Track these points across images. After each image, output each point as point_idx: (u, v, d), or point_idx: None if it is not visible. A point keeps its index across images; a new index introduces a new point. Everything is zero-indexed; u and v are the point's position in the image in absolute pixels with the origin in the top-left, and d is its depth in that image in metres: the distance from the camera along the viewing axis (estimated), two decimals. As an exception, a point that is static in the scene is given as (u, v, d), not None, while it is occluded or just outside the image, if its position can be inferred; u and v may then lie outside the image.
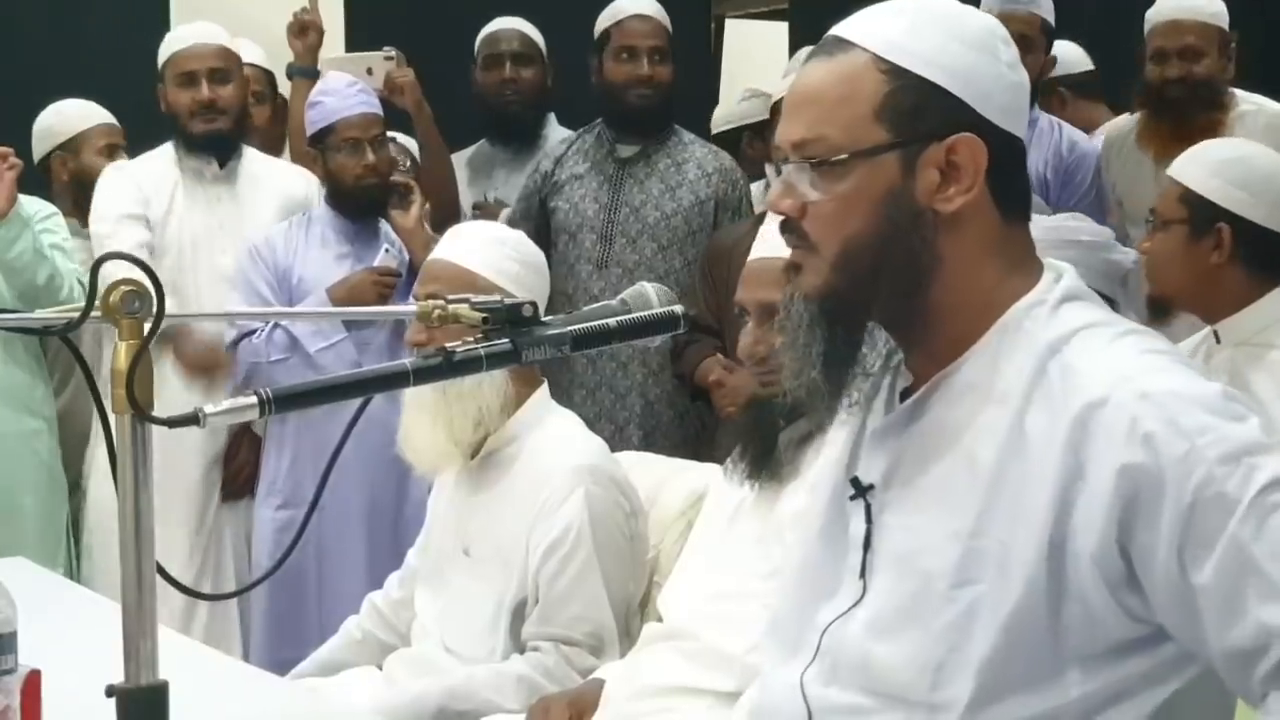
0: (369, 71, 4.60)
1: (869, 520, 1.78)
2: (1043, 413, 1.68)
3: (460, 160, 4.85)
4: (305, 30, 4.78)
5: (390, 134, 4.44)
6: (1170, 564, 1.61)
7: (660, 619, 2.78)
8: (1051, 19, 4.76)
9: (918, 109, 1.71)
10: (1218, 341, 3.17)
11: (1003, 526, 1.67)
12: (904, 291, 1.73)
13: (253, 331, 4.23)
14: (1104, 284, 3.42)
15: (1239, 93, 4.38)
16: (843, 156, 1.71)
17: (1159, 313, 3.25)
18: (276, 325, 4.21)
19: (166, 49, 4.43)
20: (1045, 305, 1.74)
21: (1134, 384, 1.64)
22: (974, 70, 1.73)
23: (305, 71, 4.78)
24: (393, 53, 4.69)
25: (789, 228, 1.76)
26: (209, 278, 4.33)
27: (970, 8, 1.79)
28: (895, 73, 1.71)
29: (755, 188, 4.66)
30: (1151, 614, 1.65)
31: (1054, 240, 3.43)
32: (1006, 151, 1.75)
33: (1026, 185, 1.81)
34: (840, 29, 1.77)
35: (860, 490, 1.80)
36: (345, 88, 4.28)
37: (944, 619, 1.69)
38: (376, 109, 4.29)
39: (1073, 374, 1.68)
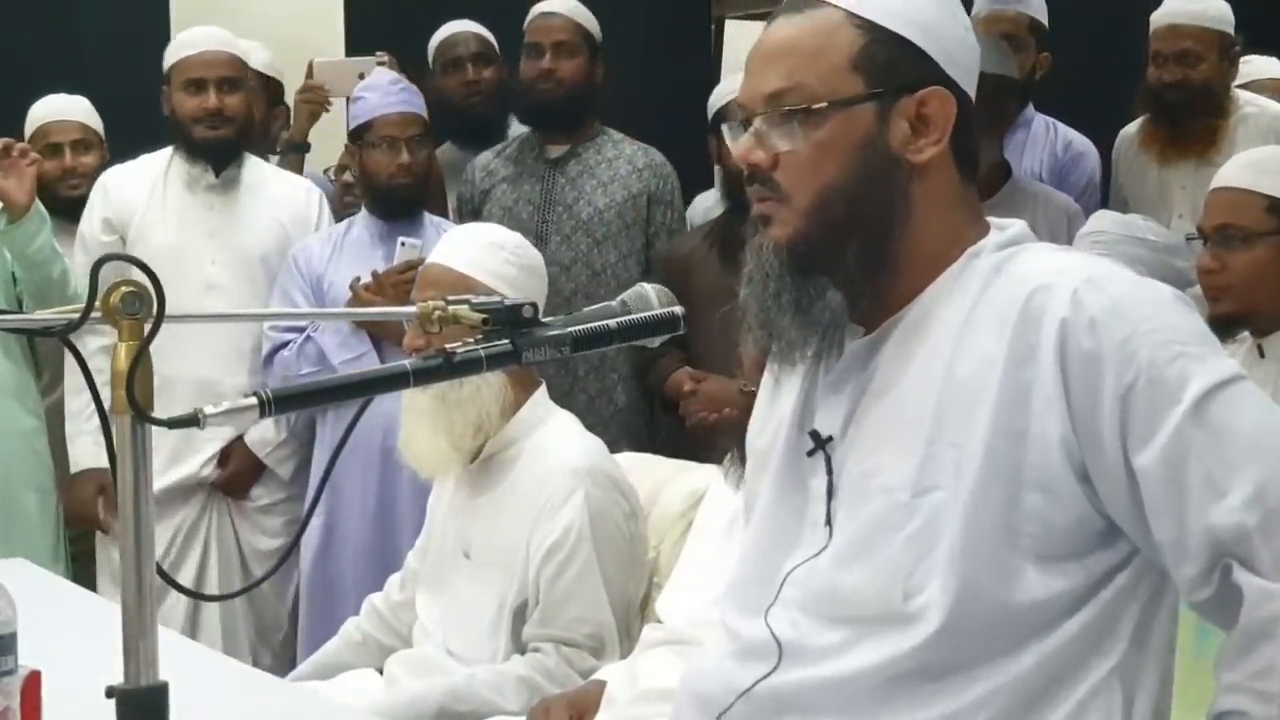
0: (361, 76, 4.58)
1: (830, 472, 1.80)
2: (990, 315, 1.72)
3: None
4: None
5: None
6: (1115, 448, 1.65)
7: (659, 621, 2.78)
8: (1044, 18, 4.75)
9: (891, 62, 1.76)
10: (1261, 356, 3.10)
11: (958, 428, 1.70)
12: (875, 239, 1.77)
13: (286, 344, 4.22)
14: None
15: (1242, 94, 4.37)
16: (822, 105, 1.75)
17: (1224, 332, 3.10)
18: (309, 338, 4.19)
19: (174, 53, 4.38)
20: (990, 246, 1.79)
21: (1079, 272, 1.71)
22: (941, 28, 1.80)
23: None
24: (385, 57, 4.68)
25: (758, 179, 1.79)
26: (195, 286, 4.27)
27: None
28: (869, 27, 1.77)
29: None
30: (1101, 504, 1.68)
31: (1123, 235, 3.42)
32: (965, 110, 1.80)
33: (977, 147, 1.86)
34: None
35: (820, 443, 1.81)
36: (388, 84, 4.26)
37: (909, 530, 1.71)
38: (418, 109, 4.25)
39: (1018, 275, 1.74)
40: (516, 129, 4.82)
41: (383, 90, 4.26)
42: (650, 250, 4.43)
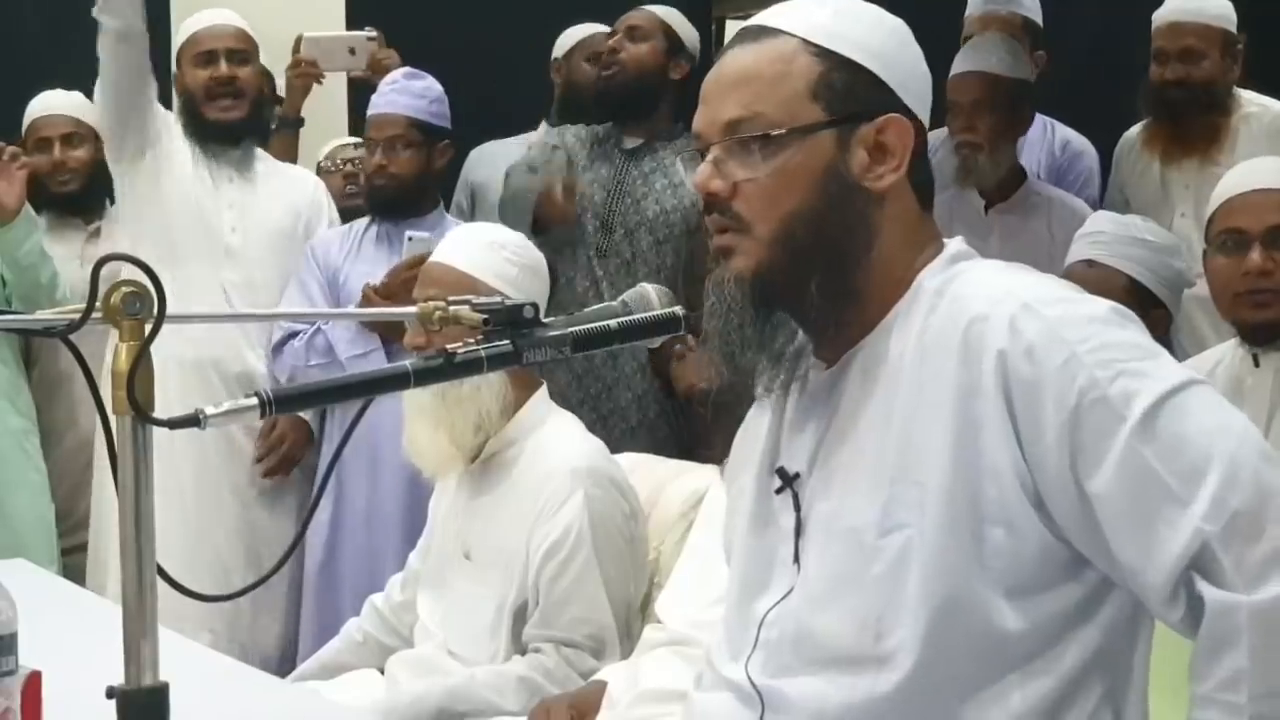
0: (351, 51, 4.57)
1: (798, 509, 1.79)
2: (934, 345, 1.71)
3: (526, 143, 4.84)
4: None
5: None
6: (1064, 473, 1.64)
7: (659, 621, 2.78)
8: (1038, 18, 4.75)
9: (849, 90, 1.76)
10: (1256, 365, 3.02)
11: (917, 465, 1.69)
12: (839, 268, 1.76)
13: (296, 334, 4.22)
14: (1163, 290, 3.34)
15: (1244, 94, 4.36)
16: (781, 132, 1.74)
17: (1264, 339, 3.02)
18: (318, 330, 4.19)
19: (184, 32, 4.37)
20: (938, 264, 1.78)
21: (1016, 297, 1.69)
22: (896, 57, 1.80)
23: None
24: (375, 33, 4.67)
25: (717, 209, 1.78)
26: (216, 252, 4.27)
27: (878, 6, 1.84)
28: (825, 55, 1.77)
29: None
30: (1061, 531, 1.67)
31: (1121, 235, 3.39)
32: (920, 138, 1.80)
33: (932, 174, 1.85)
34: (762, 19, 1.82)
35: (787, 481, 1.81)
36: (386, 85, 4.26)
37: (877, 570, 1.70)
38: (399, 109, 4.20)
39: (959, 300, 1.72)
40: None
41: (380, 89, 4.28)
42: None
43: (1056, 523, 1.66)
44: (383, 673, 3.04)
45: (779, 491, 1.82)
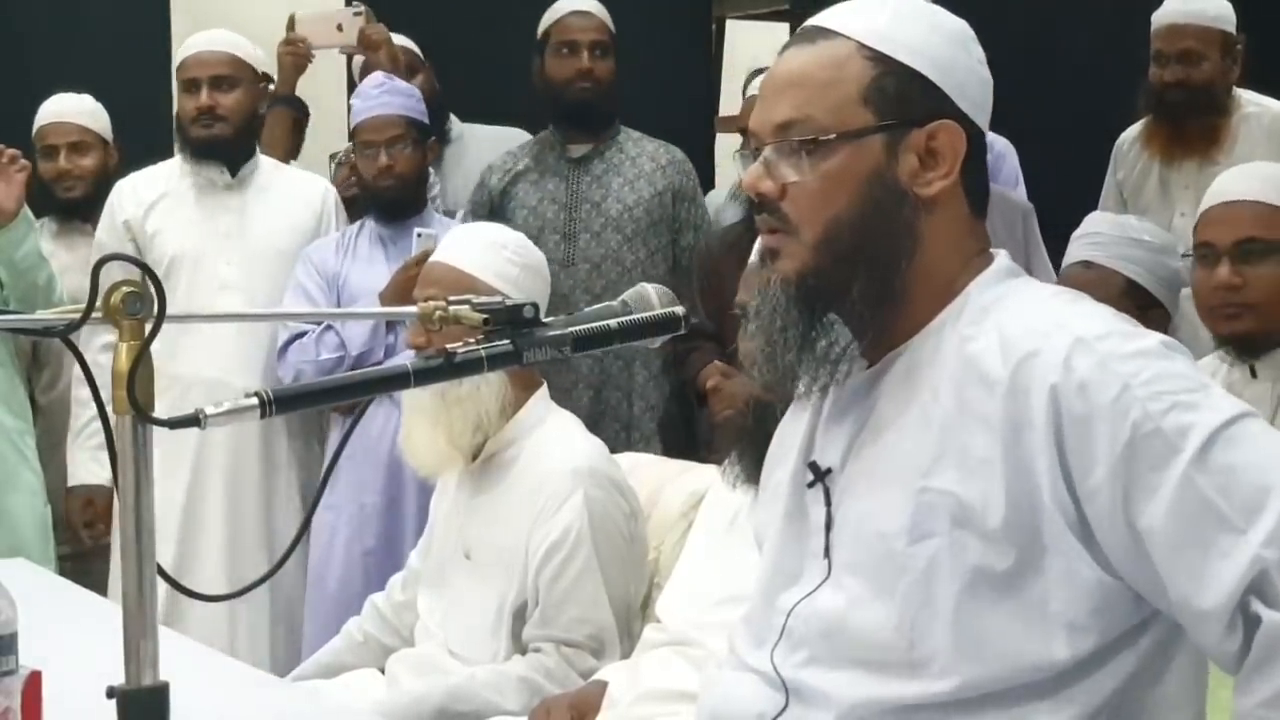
0: (339, 27, 4.59)
1: (828, 504, 1.80)
2: (982, 368, 1.70)
3: None
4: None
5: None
6: (1115, 507, 1.63)
7: (659, 621, 2.78)
8: None
9: (901, 95, 1.75)
10: (1254, 376, 2.98)
11: (951, 478, 1.69)
12: (880, 273, 1.76)
13: (303, 334, 4.22)
14: (1160, 290, 3.34)
15: (1244, 94, 4.37)
16: (830, 137, 1.74)
17: (1239, 351, 3.00)
18: (328, 328, 4.20)
19: (180, 54, 4.43)
20: (988, 278, 1.78)
21: (1067, 331, 1.68)
22: (952, 62, 1.79)
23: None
24: (361, 8, 4.70)
25: (766, 209, 1.78)
26: (209, 287, 4.30)
27: (940, 7, 1.83)
28: (880, 59, 1.76)
29: None
30: (1112, 567, 1.66)
31: (1118, 236, 3.39)
32: (976, 144, 1.80)
33: (987, 181, 1.85)
34: (821, 19, 1.81)
35: (819, 475, 1.81)
36: (372, 89, 4.27)
37: (908, 577, 1.70)
38: (397, 109, 4.24)
39: (1009, 332, 1.71)
40: (458, 129, 4.87)
41: (364, 94, 4.30)
42: (675, 247, 4.48)
43: (1106, 557, 1.66)
44: (383, 672, 3.04)
45: (811, 485, 1.82)
